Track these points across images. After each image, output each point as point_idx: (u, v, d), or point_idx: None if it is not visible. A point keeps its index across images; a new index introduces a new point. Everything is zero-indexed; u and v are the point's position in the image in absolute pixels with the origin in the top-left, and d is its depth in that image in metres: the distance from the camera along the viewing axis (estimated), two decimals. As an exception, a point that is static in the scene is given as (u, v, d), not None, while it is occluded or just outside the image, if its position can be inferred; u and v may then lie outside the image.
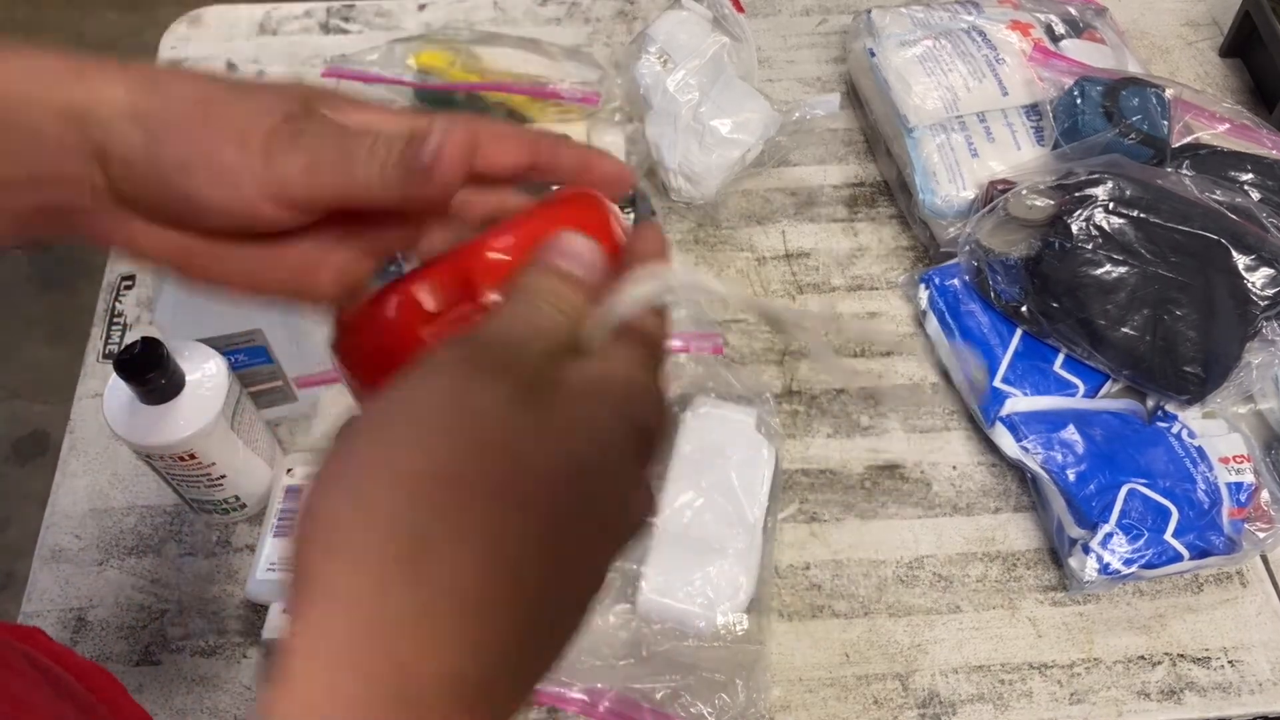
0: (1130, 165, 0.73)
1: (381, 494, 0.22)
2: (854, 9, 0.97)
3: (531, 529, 0.23)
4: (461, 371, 0.25)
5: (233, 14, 0.98)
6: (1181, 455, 0.69)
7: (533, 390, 0.25)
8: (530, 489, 0.24)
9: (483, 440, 0.24)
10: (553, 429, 0.25)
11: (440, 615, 0.22)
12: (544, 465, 0.24)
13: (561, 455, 0.24)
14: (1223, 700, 0.66)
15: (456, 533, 0.22)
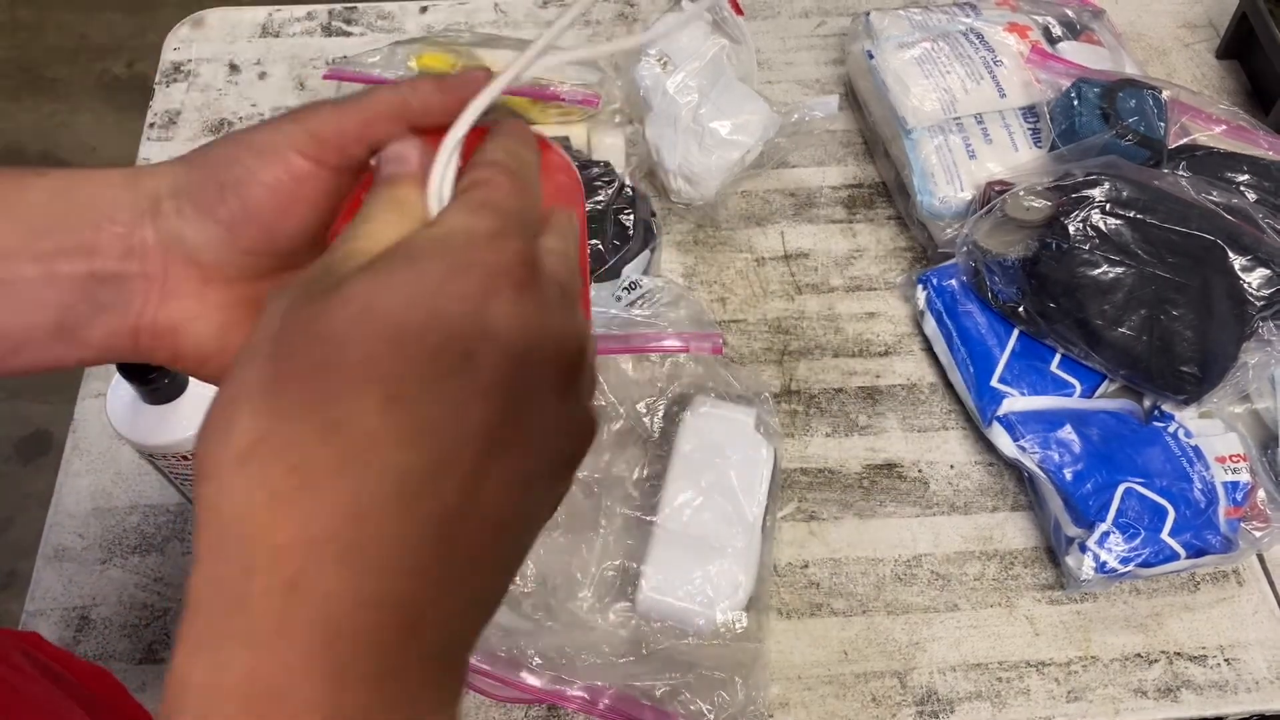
0: (1127, 166, 0.74)
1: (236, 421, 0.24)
2: (852, 11, 0.97)
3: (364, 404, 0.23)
4: (283, 299, 0.25)
5: (235, 16, 0.98)
6: (1178, 454, 0.70)
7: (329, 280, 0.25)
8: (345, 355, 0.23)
9: (287, 344, 0.24)
10: (368, 289, 0.24)
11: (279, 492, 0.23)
12: (355, 327, 0.24)
13: (381, 309, 0.24)
14: (1219, 698, 0.66)
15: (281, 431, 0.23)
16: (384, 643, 0.23)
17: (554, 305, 0.27)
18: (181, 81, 0.94)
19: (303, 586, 0.22)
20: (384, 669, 0.23)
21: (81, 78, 2.02)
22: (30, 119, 1.97)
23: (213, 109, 0.92)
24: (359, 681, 0.22)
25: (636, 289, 0.75)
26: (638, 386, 0.72)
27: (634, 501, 0.68)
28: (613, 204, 0.77)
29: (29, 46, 2.07)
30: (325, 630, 0.22)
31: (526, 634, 0.63)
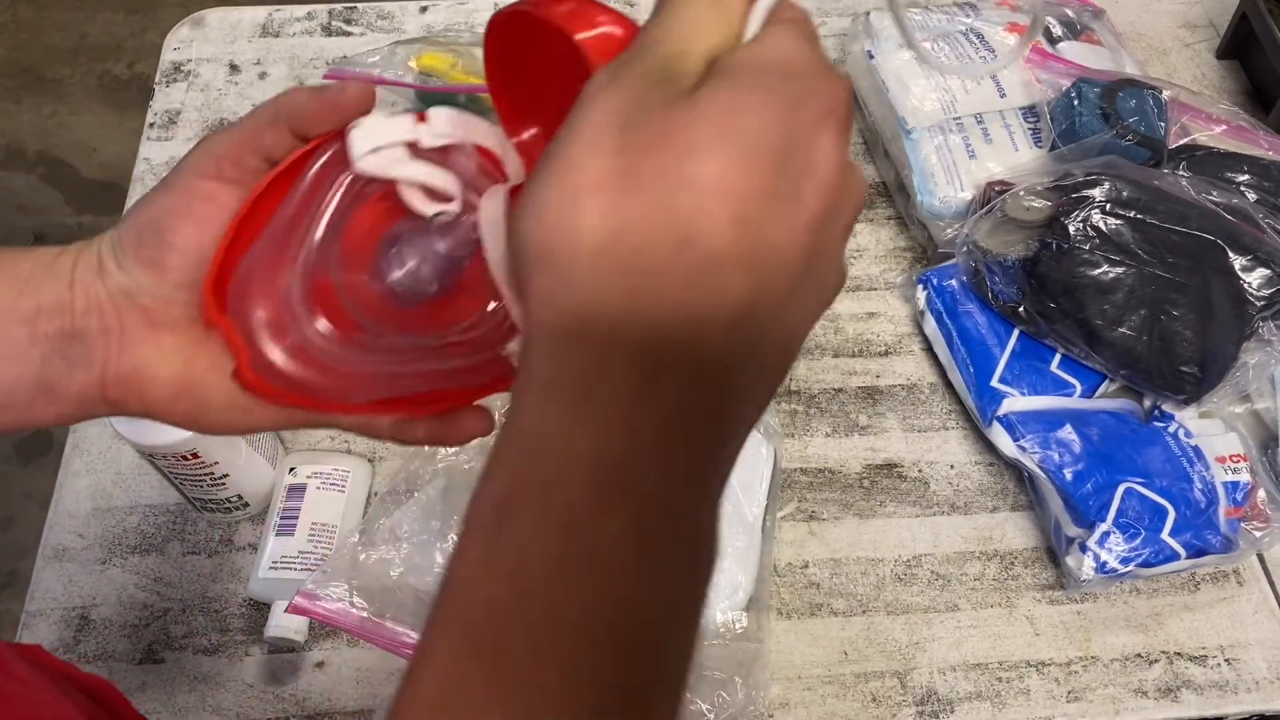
0: (1127, 166, 0.74)
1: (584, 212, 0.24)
2: (852, 11, 0.97)
3: (714, 211, 0.24)
4: (617, 88, 0.26)
5: (235, 16, 0.98)
6: (1178, 454, 0.70)
7: (696, 88, 0.26)
8: (704, 171, 0.24)
9: (645, 141, 0.24)
10: (722, 108, 0.25)
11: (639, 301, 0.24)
12: (713, 147, 0.24)
13: (735, 131, 0.24)
14: (1219, 699, 0.66)
15: (640, 222, 0.24)
16: (705, 437, 0.25)
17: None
18: (182, 81, 0.94)
19: (656, 385, 0.24)
20: (706, 458, 0.26)
21: (82, 78, 2.03)
22: (30, 119, 1.97)
23: (213, 109, 0.92)
24: (685, 469, 0.25)
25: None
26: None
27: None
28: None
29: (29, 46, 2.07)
30: (667, 427, 0.24)
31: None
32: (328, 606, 0.62)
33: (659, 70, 0.26)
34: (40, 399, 0.35)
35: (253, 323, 0.35)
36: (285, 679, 0.66)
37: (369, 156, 0.35)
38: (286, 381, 0.35)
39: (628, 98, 0.25)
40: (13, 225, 1.83)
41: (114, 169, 1.88)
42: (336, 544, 0.66)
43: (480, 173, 0.37)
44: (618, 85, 0.26)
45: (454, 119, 0.36)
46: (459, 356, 0.36)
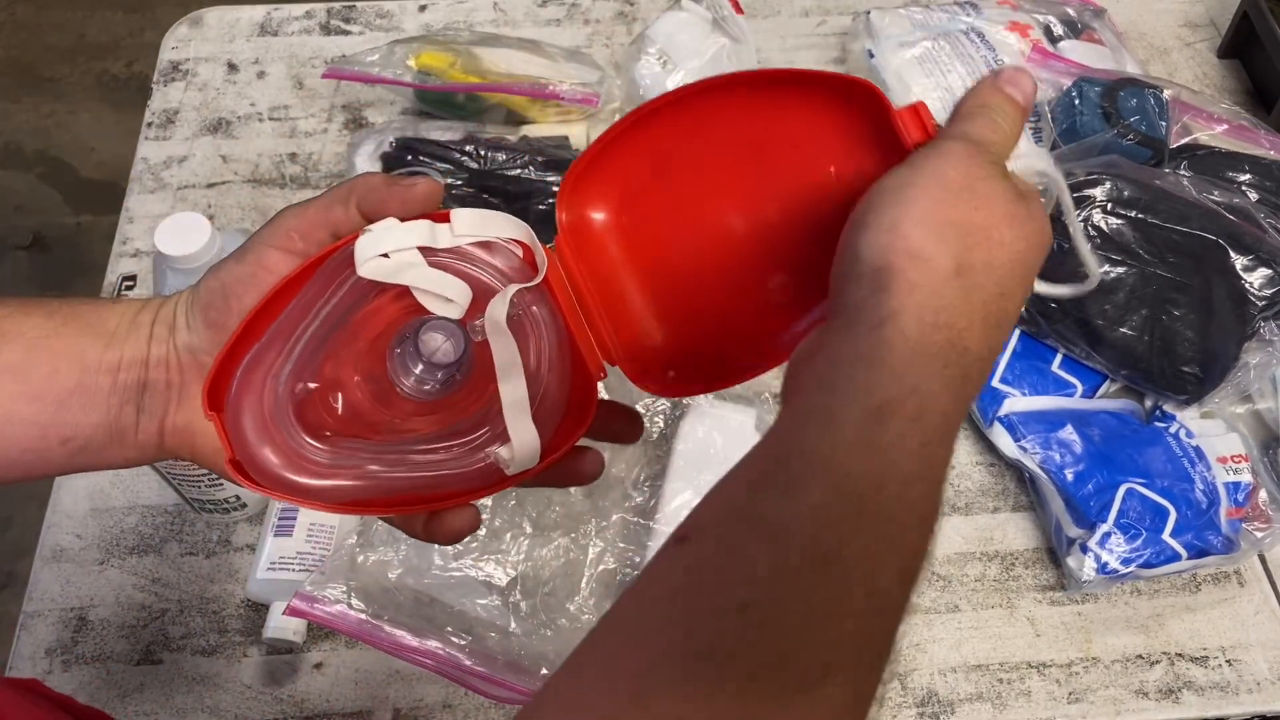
0: (1128, 166, 0.74)
1: (939, 229, 0.33)
2: (853, 10, 0.97)
3: (1015, 266, 0.34)
4: (968, 154, 0.34)
5: (234, 15, 0.98)
6: (1179, 455, 0.69)
7: (1008, 178, 0.35)
8: (1009, 239, 0.33)
9: (991, 201, 0.33)
10: (1024, 211, 0.34)
11: (974, 306, 0.33)
12: (1017, 230, 0.34)
13: (1028, 234, 0.34)
14: (1220, 699, 0.66)
15: (979, 261, 0.33)
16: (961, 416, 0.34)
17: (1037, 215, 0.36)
18: (180, 81, 0.94)
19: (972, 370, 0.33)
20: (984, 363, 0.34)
21: (80, 77, 2.02)
22: (29, 118, 1.96)
23: (211, 108, 0.92)
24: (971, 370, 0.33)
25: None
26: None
27: (633, 503, 0.68)
28: (612, 203, 0.77)
29: (28, 46, 2.07)
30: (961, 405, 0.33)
31: (525, 637, 0.63)
32: (326, 609, 0.62)
33: (997, 159, 0.35)
34: (114, 443, 0.38)
35: (241, 423, 0.37)
36: (283, 680, 0.66)
37: (372, 262, 0.37)
38: (269, 479, 0.37)
39: (986, 173, 0.34)
40: (11, 225, 1.82)
41: (112, 168, 1.88)
42: (335, 545, 0.66)
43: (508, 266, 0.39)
44: (978, 158, 0.34)
45: (477, 219, 0.38)
46: (449, 462, 0.37)
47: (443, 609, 0.63)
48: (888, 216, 0.33)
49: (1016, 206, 0.34)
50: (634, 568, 0.65)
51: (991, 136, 0.36)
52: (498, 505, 0.68)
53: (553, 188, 0.77)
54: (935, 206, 0.33)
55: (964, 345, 0.32)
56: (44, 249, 1.81)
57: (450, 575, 0.64)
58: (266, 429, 0.37)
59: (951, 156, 0.34)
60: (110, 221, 0.86)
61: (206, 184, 0.87)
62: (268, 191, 0.87)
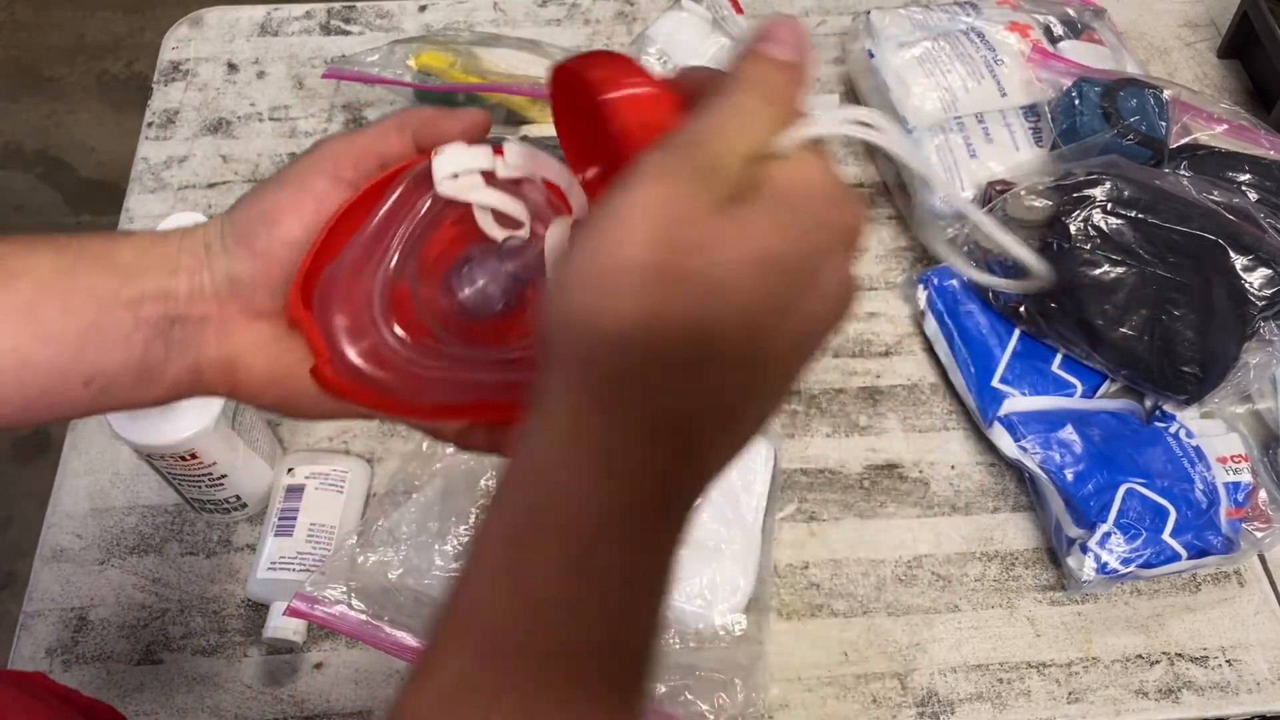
0: (1128, 166, 0.74)
1: (618, 290, 0.27)
2: (853, 10, 0.97)
3: (730, 319, 0.27)
4: (668, 182, 0.28)
5: (234, 15, 0.98)
6: (1179, 455, 0.70)
7: (734, 198, 0.28)
8: (729, 281, 0.27)
9: (686, 244, 0.27)
10: (753, 229, 0.28)
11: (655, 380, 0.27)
12: (741, 263, 0.27)
13: (761, 253, 0.28)
14: (1220, 699, 0.66)
15: (667, 317, 0.27)
16: (694, 497, 0.30)
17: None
18: (180, 81, 0.94)
19: (653, 453, 0.28)
20: (692, 496, 0.30)
21: (80, 77, 2.02)
22: (29, 118, 1.96)
23: (211, 108, 0.92)
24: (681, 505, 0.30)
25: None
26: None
27: (634, 502, 0.68)
28: (612, 203, 0.77)
29: (28, 46, 2.07)
30: (664, 480, 0.29)
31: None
32: (326, 610, 0.62)
33: (708, 171, 0.28)
34: (141, 382, 0.36)
35: (333, 324, 0.37)
36: (284, 680, 0.66)
37: (448, 181, 0.38)
38: (361, 381, 0.37)
39: (678, 195, 0.27)
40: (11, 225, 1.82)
41: (112, 168, 1.88)
42: (335, 545, 0.66)
43: (547, 204, 0.39)
44: (669, 177, 0.28)
45: (526, 154, 0.39)
46: (522, 371, 0.38)
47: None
48: (559, 272, 0.28)
49: (754, 229, 0.27)
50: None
51: (725, 131, 0.29)
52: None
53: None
54: (610, 257, 0.27)
55: (658, 418, 0.28)
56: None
57: (451, 575, 0.64)
58: (357, 334, 0.37)
59: (645, 184, 0.27)
60: (110, 222, 0.87)
61: (207, 184, 0.87)
62: (268, 191, 0.87)
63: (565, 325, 0.28)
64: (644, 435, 0.28)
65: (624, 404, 0.28)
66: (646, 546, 0.29)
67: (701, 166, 0.28)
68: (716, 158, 0.28)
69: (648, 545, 0.29)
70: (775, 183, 0.29)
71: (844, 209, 0.29)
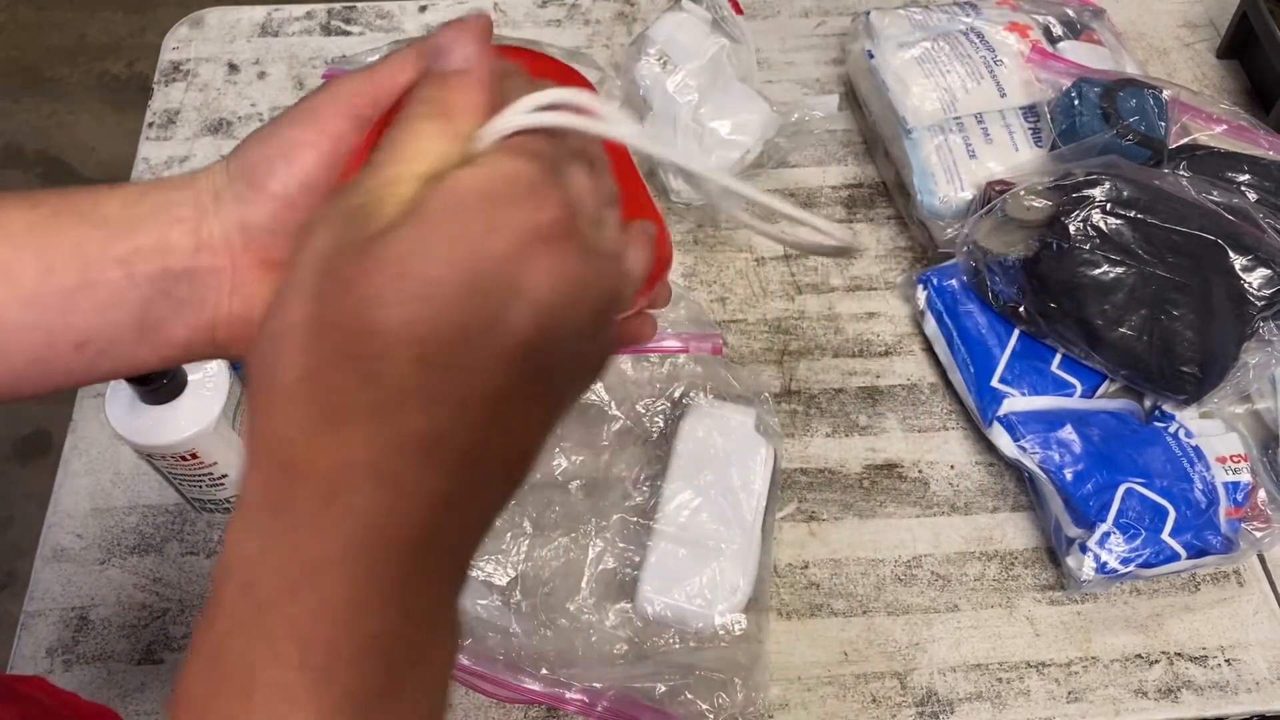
0: (1127, 166, 0.74)
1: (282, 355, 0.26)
2: (852, 11, 0.97)
3: (399, 353, 0.25)
4: (320, 230, 0.27)
5: (234, 15, 0.98)
6: (1179, 455, 0.70)
7: (392, 225, 0.26)
8: (385, 315, 0.25)
9: (335, 288, 0.26)
10: (400, 251, 0.25)
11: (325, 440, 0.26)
12: (397, 290, 0.25)
13: (418, 274, 0.25)
14: (1220, 699, 0.66)
15: (326, 371, 0.26)
16: (404, 543, 0.26)
17: (589, 253, 0.28)
18: (181, 81, 0.94)
19: (339, 500, 0.26)
20: (405, 563, 0.26)
21: (81, 78, 2.02)
22: (30, 119, 1.96)
23: (212, 108, 0.92)
24: (384, 570, 0.26)
25: (636, 289, 0.75)
26: (637, 387, 0.72)
27: (633, 502, 0.68)
28: (612, 204, 0.77)
29: (29, 46, 2.07)
30: (356, 533, 0.26)
31: (525, 637, 0.63)
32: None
33: (361, 207, 0.27)
34: (145, 342, 0.34)
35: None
36: (284, 680, 0.66)
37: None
38: None
39: (331, 238, 0.26)
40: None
41: (113, 169, 1.88)
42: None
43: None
44: (326, 223, 0.27)
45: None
46: None
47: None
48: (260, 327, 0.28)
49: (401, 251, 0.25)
50: (633, 567, 0.65)
51: (393, 160, 0.27)
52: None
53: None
54: (275, 321, 0.27)
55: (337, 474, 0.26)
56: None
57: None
58: None
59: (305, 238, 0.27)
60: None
61: (207, 184, 0.87)
62: (268, 192, 0.87)
63: (250, 395, 0.27)
64: (319, 491, 0.26)
65: (295, 465, 0.26)
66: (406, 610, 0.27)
67: (356, 205, 0.27)
68: (377, 190, 0.27)
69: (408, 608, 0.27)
70: (436, 195, 0.26)
71: (532, 205, 0.27)
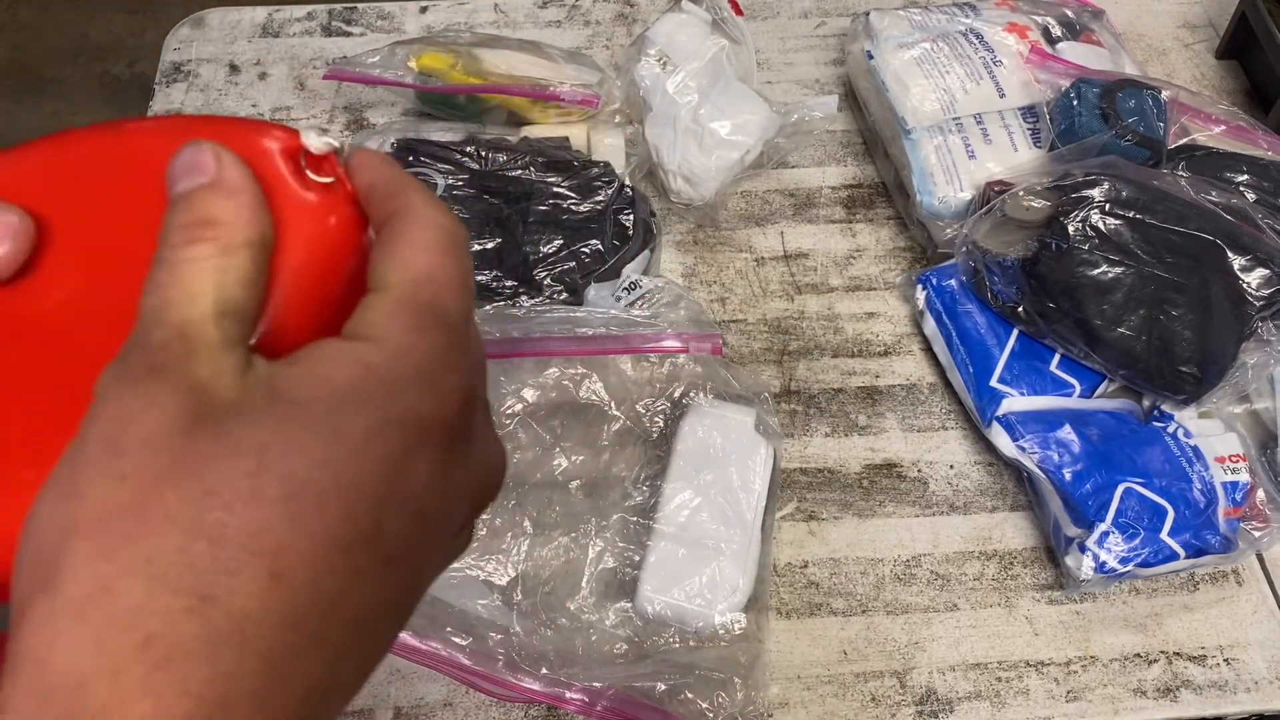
0: (1127, 166, 0.74)
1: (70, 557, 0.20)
2: (852, 11, 0.97)
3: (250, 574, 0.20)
4: (135, 395, 0.20)
5: (235, 16, 0.99)
6: (1178, 455, 0.70)
7: (227, 405, 0.21)
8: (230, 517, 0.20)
9: (163, 473, 0.20)
10: (254, 446, 0.20)
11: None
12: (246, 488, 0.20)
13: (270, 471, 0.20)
14: (1219, 698, 0.66)
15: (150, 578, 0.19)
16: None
17: (477, 436, 0.24)
18: (182, 82, 0.94)
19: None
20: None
21: (82, 78, 2.03)
22: (31, 119, 1.97)
23: (213, 109, 0.92)
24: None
25: (636, 289, 0.75)
26: (637, 387, 0.72)
27: (633, 502, 0.68)
28: (612, 204, 0.77)
29: (30, 47, 2.07)
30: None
31: (525, 637, 0.63)
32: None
33: (169, 361, 0.21)
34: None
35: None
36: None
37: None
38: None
39: (136, 402, 0.20)
40: (13, 225, 1.83)
41: (114, 169, 1.88)
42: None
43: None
44: (126, 382, 0.21)
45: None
46: None
47: (443, 609, 0.63)
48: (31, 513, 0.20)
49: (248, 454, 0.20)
50: (634, 567, 0.65)
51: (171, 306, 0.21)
52: (498, 505, 0.68)
53: (553, 188, 0.78)
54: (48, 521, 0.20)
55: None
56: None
57: (451, 576, 0.64)
58: None
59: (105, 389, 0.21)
60: (112, 222, 0.87)
61: (208, 185, 0.87)
62: (269, 192, 0.87)
63: (14, 612, 0.20)
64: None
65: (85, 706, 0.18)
66: None
67: (161, 361, 0.21)
68: (177, 337, 0.21)
69: None
70: (307, 377, 0.21)
71: (431, 391, 0.22)
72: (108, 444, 0.20)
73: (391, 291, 0.23)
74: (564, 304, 0.75)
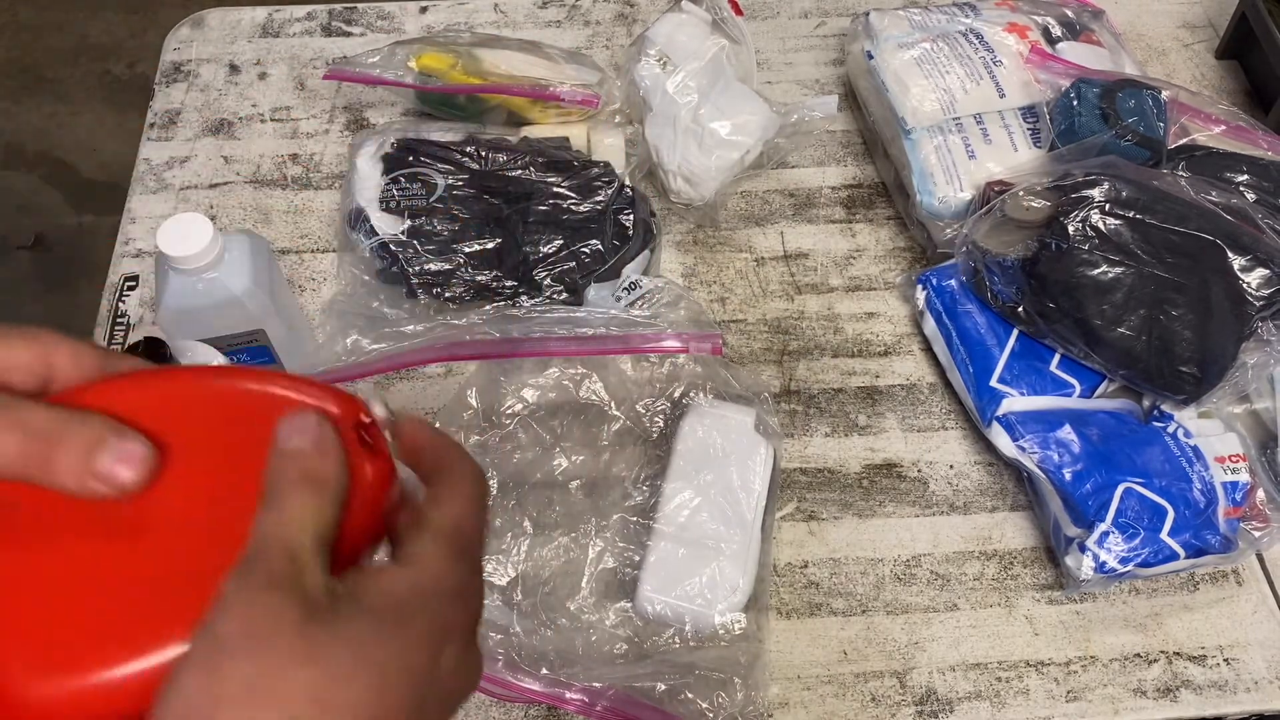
0: (1126, 166, 0.74)
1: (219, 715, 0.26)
2: (852, 11, 0.97)
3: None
4: (261, 602, 0.27)
5: (235, 16, 0.99)
6: (1178, 455, 0.70)
7: (326, 609, 0.27)
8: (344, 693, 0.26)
9: (290, 660, 0.26)
10: (356, 638, 0.27)
11: None
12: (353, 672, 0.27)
13: (369, 659, 0.27)
14: (1218, 698, 0.66)
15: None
16: None
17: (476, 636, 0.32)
18: (182, 82, 0.94)
19: None
20: None
21: (82, 78, 2.03)
22: (31, 119, 1.97)
23: (213, 109, 0.92)
24: None
25: (636, 289, 0.75)
26: (637, 387, 0.72)
27: (633, 502, 0.68)
28: (612, 204, 0.77)
29: (30, 47, 2.07)
30: None
31: (525, 637, 0.63)
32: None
33: (285, 575, 0.27)
34: None
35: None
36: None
37: None
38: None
39: (263, 605, 0.27)
40: (14, 225, 1.83)
41: (114, 169, 1.88)
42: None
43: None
44: (253, 589, 0.27)
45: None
46: None
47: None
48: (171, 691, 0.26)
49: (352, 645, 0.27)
50: (633, 567, 0.65)
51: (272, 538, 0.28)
52: (498, 505, 0.68)
53: (553, 188, 0.78)
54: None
55: None
56: (46, 249, 1.82)
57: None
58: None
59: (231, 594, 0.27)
60: (112, 222, 0.87)
61: (209, 185, 0.88)
62: (270, 192, 0.87)
63: None
64: None
65: None
66: None
67: (278, 575, 0.27)
68: (289, 561, 0.28)
69: None
70: (382, 588, 0.29)
71: (462, 602, 0.31)
72: (244, 636, 0.26)
73: (434, 529, 0.31)
74: (564, 304, 0.75)
